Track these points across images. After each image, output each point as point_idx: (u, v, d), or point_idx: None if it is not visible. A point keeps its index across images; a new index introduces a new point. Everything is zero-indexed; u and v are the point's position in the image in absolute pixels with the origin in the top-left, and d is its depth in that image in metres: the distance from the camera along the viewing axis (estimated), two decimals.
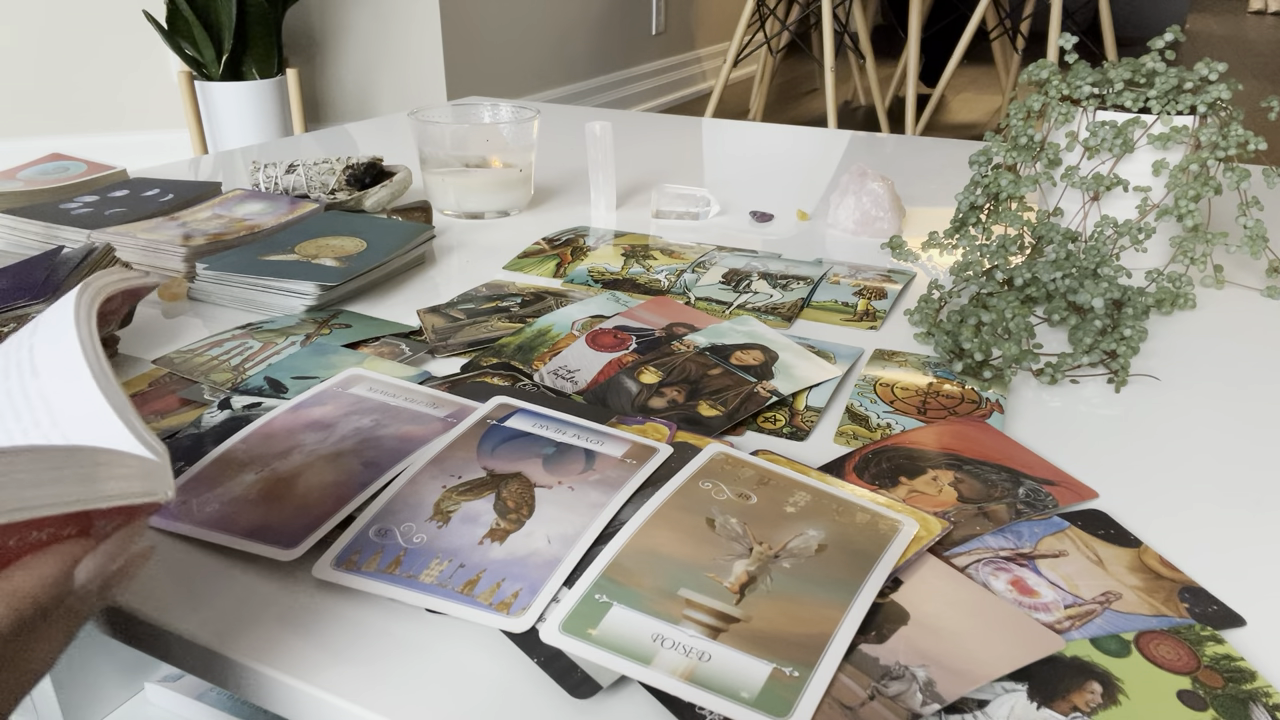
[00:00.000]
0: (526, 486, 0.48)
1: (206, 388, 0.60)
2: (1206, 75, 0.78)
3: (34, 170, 0.95)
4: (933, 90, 3.17)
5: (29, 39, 2.19)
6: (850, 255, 0.88)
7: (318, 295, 0.72)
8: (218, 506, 0.47)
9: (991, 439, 0.55)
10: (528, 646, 0.39)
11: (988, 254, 0.75)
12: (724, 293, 0.77)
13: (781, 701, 0.36)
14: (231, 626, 0.41)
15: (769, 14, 2.96)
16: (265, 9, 2.07)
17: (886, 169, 1.17)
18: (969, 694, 0.37)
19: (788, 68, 4.17)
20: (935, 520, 0.46)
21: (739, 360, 0.63)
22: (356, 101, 2.50)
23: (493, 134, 0.97)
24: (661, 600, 0.40)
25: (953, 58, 2.73)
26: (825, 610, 0.40)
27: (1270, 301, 0.79)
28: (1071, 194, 0.82)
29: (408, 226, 0.82)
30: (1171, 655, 0.39)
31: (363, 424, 0.53)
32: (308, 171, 0.93)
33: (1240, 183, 0.78)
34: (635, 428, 0.53)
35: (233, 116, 2.12)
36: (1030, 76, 0.83)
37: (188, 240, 0.77)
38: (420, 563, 0.43)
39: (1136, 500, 0.51)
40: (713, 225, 0.96)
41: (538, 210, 1.01)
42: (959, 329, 0.64)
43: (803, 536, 0.44)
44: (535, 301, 0.74)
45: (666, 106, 3.52)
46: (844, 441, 0.56)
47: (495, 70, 2.65)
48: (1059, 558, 0.45)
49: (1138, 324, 0.65)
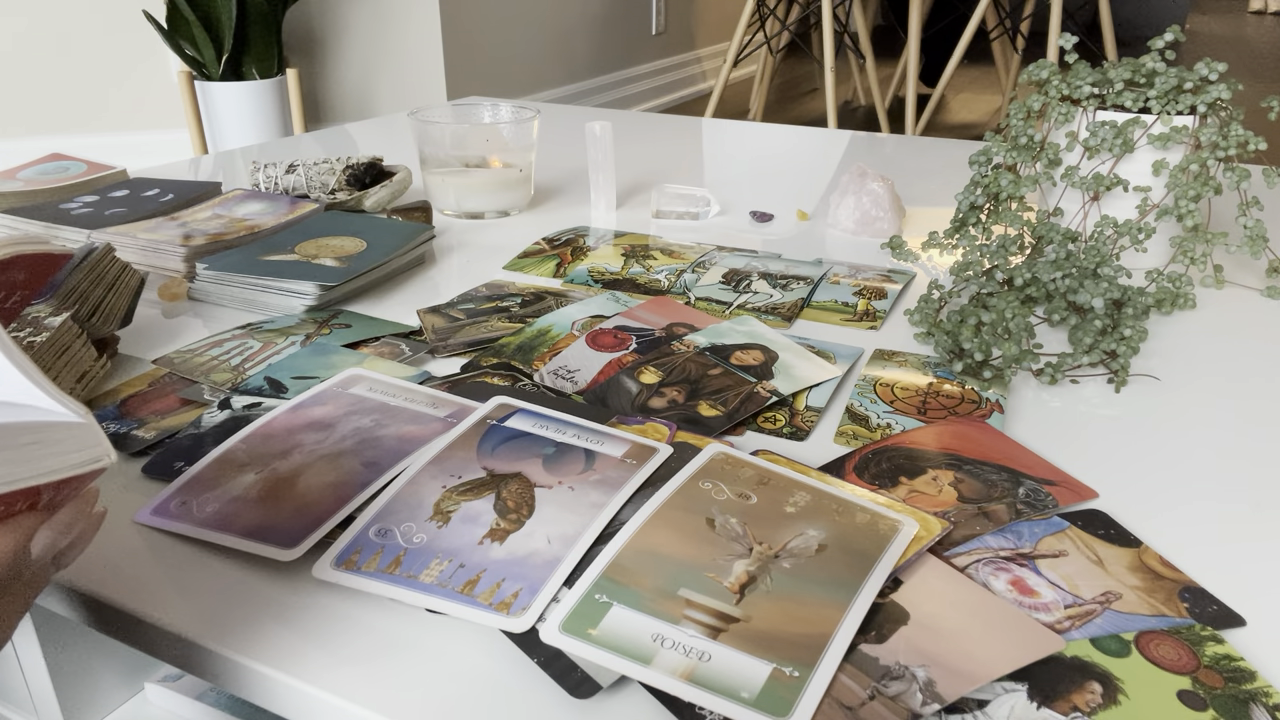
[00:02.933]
0: (526, 486, 0.48)
1: (206, 388, 0.60)
2: (1206, 75, 0.78)
3: (34, 170, 0.95)
4: (933, 90, 3.17)
5: (29, 39, 2.19)
6: (850, 255, 0.88)
7: (318, 295, 0.72)
8: (218, 506, 0.47)
9: (991, 439, 0.55)
10: (528, 646, 0.39)
11: (988, 254, 0.75)
12: (724, 293, 0.77)
13: (781, 701, 0.36)
14: (232, 626, 0.41)
15: (769, 14, 2.96)
16: (265, 9, 2.07)
17: (886, 169, 1.17)
18: (969, 694, 0.37)
19: (788, 68, 4.17)
20: (935, 520, 0.46)
21: (739, 360, 0.63)
22: (356, 101, 2.50)
23: (493, 134, 0.97)
24: (661, 600, 0.40)
25: (953, 58, 2.73)
26: (825, 610, 0.40)
27: (1270, 301, 0.79)
28: (1071, 194, 0.82)
29: (408, 226, 0.82)
30: (1171, 655, 0.39)
31: (363, 424, 0.53)
32: (308, 171, 0.93)
33: (1240, 183, 0.77)
34: (635, 428, 0.53)
35: (233, 116, 2.12)
36: (1030, 76, 0.83)
37: (188, 240, 0.77)
38: (420, 563, 0.43)
39: (1136, 500, 0.51)
40: (713, 225, 0.96)
41: (538, 210, 1.01)
42: (959, 329, 0.64)
43: (803, 536, 0.44)
44: (535, 301, 0.73)
45: (666, 106, 3.52)
46: (844, 441, 0.56)
47: (495, 70, 2.65)
48: (1059, 558, 0.45)
49: (1138, 324, 0.65)
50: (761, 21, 2.96)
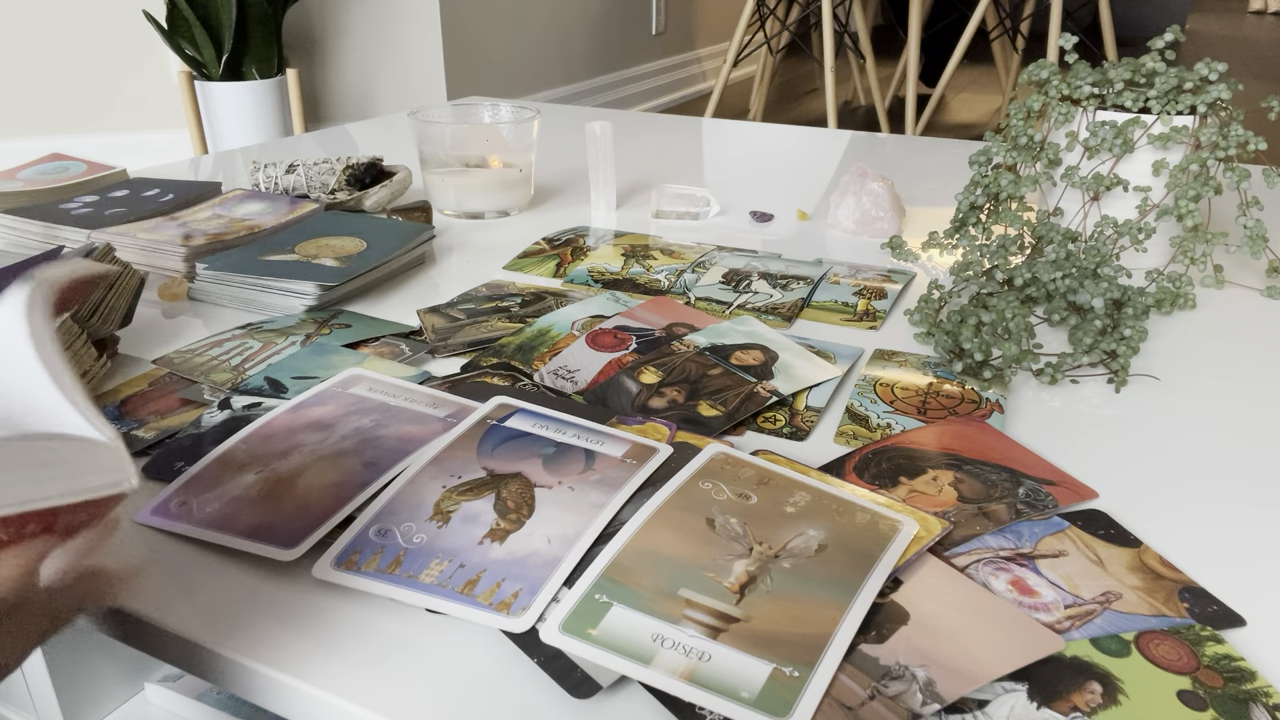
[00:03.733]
0: (526, 486, 0.48)
1: (206, 388, 0.60)
2: (1206, 75, 0.78)
3: (34, 170, 0.95)
4: (933, 90, 3.17)
5: (29, 39, 2.19)
6: (850, 255, 0.88)
7: (318, 295, 0.72)
8: (218, 506, 0.47)
9: (991, 439, 0.55)
10: (528, 646, 0.39)
11: (988, 254, 0.75)
12: (724, 293, 0.77)
13: (781, 701, 0.36)
14: (232, 626, 0.41)
15: (769, 14, 2.96)
16: (265, 9, 2.07)
17: (886, 169, 1.17)
18: (969, 694, 0.37)
19: (788, 68, 4.17)
20: (935, 520, 0.46)
21: (739, 360, 0.63)
22: (356, 101, 2.50)
23: (493, 134, 0.97)
24: (661, 600, 0.40)
25: (953, 58, 2.73)
26: (825, 610, 0.40)
27: (1270, 301, 0.79)
28: (1071, 194, 0.82)
29: (408, 226, 0.82)
30: (1171, 655, 0.39)
31: (363, 424, 0.53)
32: (308, 171, 0.93)
33: (1240, 183, 0.77)
34: (635, 428, 0.53)
35: (233, 116, 2.12)
36: (1030, 76, 0.83)
37: (188, 240, 0.77)
38: (420, 563, 0.43)
39: (1136, 500, 0.51)
40: (713, 225, 0.96)
41: (538, 210, 1.01)
42: (959, 329, 0.64)
43: (803, 536, 0.44)
44: (535, 301, 0.73)
45: (666, 106, 3.52)
46: (844, 441, 0.56)
47: (495, 70, 2.65)
48: (1059, 558, 0.45)
49: (1138, 324, 0.65)
50: (761, 21, 2.96)
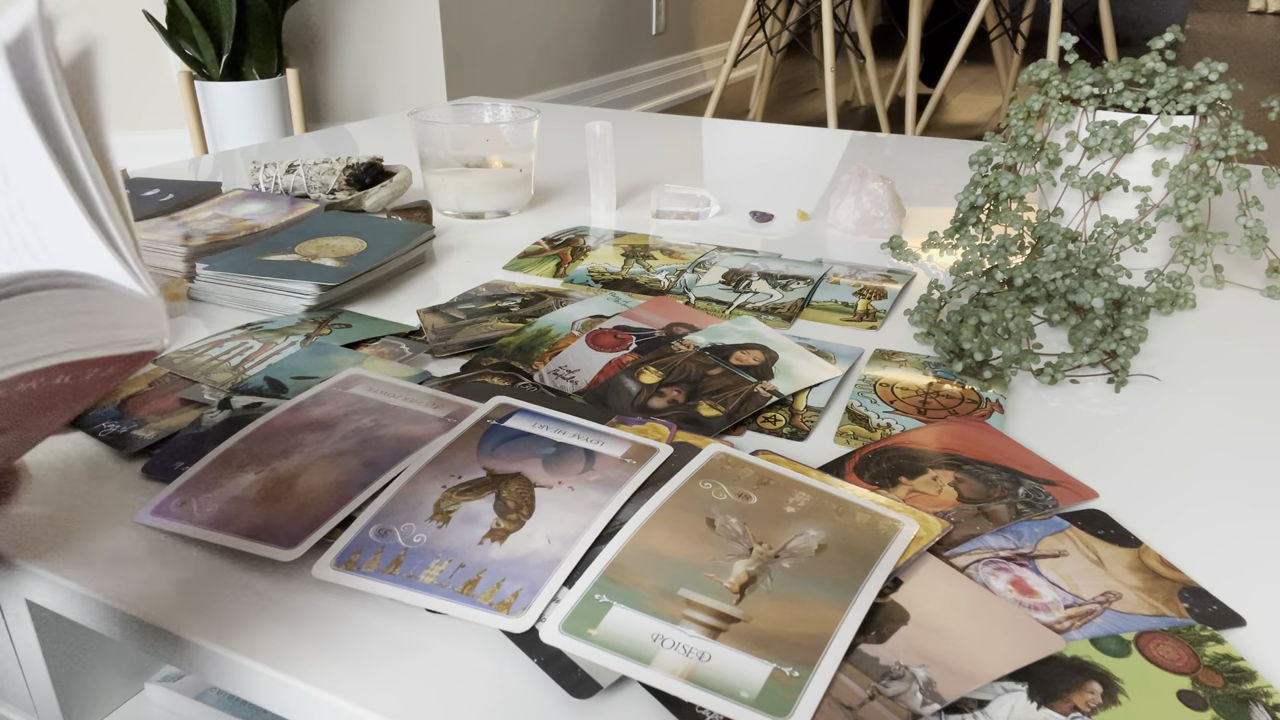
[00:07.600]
0: (526, 486, 0.48)
1: (206, 388, 0.60)
2: (1206, 75, 0.78)
3: None
4: (933, 90, 3.17)
5: None
6: (850, 255, 0.88)
7: (318, 295, 0.72)
8: (218, 506, 0.47)
9: (991, 439, 0.55)
10: (528, 646, 0.39)
11: (988, 254, 0.75)
12: (724, 293, 0.77)
13: (781, 701, 0.36)
14: (231, 626, 0.41)
15: (769, 14, 2.96)
16: (265, 9, 2.07)
17: (886, 169, 1.17)
18: (969, 694, 0.37)
19: (788, 68, 4.17)
20: (935, 520, 0.46)
21: (739, 360, 0.63)
22: (356, 101, 2.50)
23: (493, 134, 0.97)
24: (661, 600, 0.40)
25: (953, 58, 2.73)
26: (825, 610, 0.40)
27: (1270, 301, 0.79)
28: (1071, 194, 0.82)
29: (408, 226, 0.82)
30: (1171, 655, 0.39)
31: (363, 424, 0.53)
32: (308, 171, 0.93)
33: (1240, 183, 0.77)
34: (635, 428, 0.53)
35: (233, 116, 2.12)
36: (1030, 76, 0.83)
37: (188, 240, 0.77)
38: (420, 563, 0.43)
39: (1136, 500, 0.51)
40: (713, 225, 0.96)
41: (538, 210, 1.01)
42: (959, 329, 0.64)
43: (803, 536, 0.44)
44: (535, 301, 0.73)
45: (666, 106, 3.52)
46: (844, 441, 0.56)
47: (495, 70, 2.65)
48: (1059, 558, 0.45)
49: (1138, 324, 0.65)
50: (761, 21, 2.96)
